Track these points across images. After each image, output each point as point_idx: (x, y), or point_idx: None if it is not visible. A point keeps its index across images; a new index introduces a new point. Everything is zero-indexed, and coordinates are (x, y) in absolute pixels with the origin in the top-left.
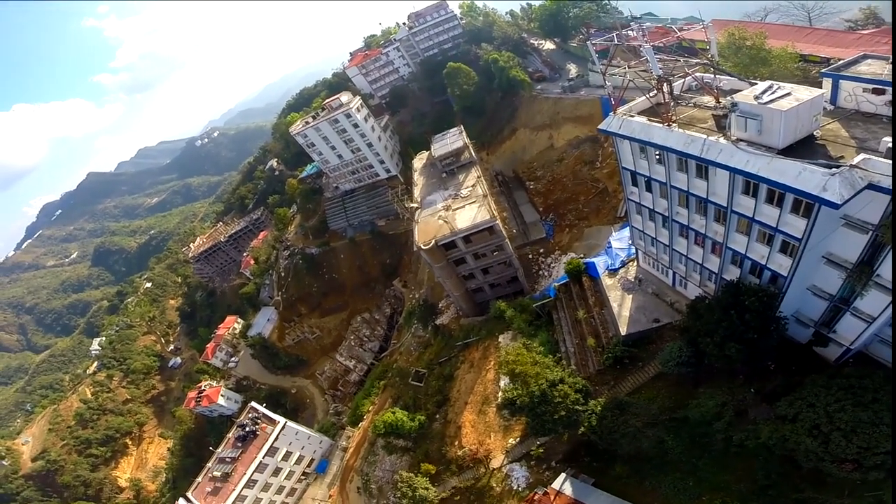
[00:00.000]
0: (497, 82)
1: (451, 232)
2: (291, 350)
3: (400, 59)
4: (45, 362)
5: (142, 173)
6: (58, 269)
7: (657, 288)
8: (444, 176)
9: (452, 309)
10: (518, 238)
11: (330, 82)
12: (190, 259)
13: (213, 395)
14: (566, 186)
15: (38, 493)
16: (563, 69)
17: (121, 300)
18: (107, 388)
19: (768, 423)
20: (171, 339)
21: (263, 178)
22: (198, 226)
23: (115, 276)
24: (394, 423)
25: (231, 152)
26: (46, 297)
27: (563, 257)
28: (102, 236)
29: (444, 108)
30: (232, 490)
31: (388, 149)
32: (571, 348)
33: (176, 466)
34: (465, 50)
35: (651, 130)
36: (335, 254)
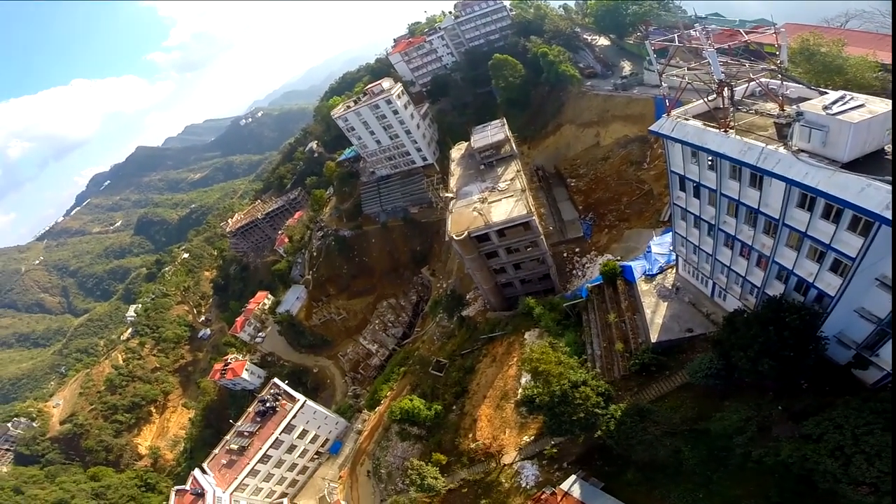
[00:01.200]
0: (545, 76)
1: (485, 224)
2: (317, 329)
3: (444, 48)
4: (83, 326)
5: (187, 149)
6: (102, 236)
7: (694, 297)
8: (483, 168)
9: (480, 301)
10: (554, 235)
11: (372, 67)
12: (227, 233)
13: (238, 369)
14: (609, 186)
15: (62, 456)
16: (617, 66)
17: (159, 269)
18: (138, 356)
19: (791, 442)
20: (202, 310)
21: (303, 159)
22: (237, 202)
23: (156, 246)
24: (410, 410)
25: (273, 132)
26: (90, 262)
27: (599, 258)
28: (146, 207)
29: (486, 99)
30: (246, 464)
31: (425, 137)
32: (598, 351)
33: (195, 437)
34: (513, 42)
35: (705, 135)
36: (367, 237)
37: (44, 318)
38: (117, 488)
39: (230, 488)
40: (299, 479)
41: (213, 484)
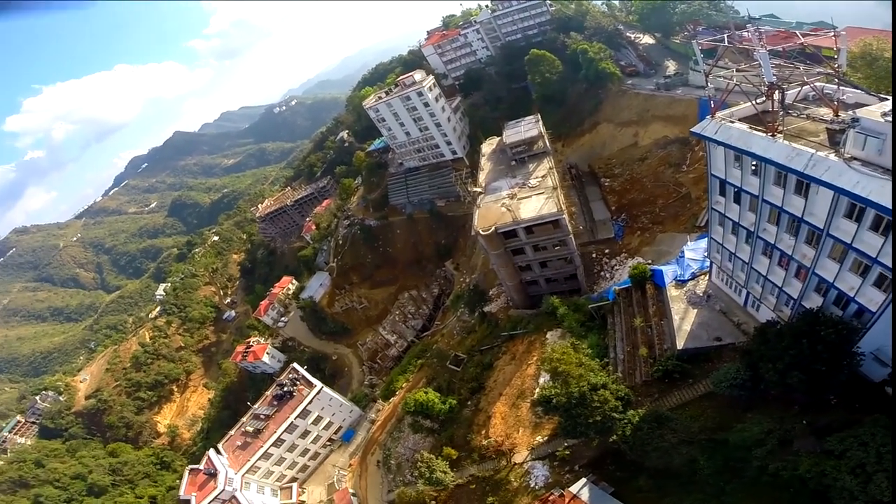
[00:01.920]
0: (583, 73)
1: (513, 221)
2: (338, 317)
3: (479, 42)
4: (114, 302)
5: (222, 135)
6: (137, 216)
7: (726, 306)
8: (514, 164)
9: (503, 298)
10: (583, 235)
11: (405, 59)
12: (256, 218)
13: (259, 352)
14: (644, 187)
15: (84, 431)
16: (660, 65)
17: (189, 250)
18: (164, 334)
19: (811, 456)
20: (229, 292)
21: (333, 148)
22: (267, 188)
23: (187, 228)
24: (425, 402)
25: (306, 121)
26: (124, 241)
27: (628, 261)
28: (180, 190)
29: (521, 94)
30: (260, 446)
31: (456, 130)
32: (621, 355)
33: (213, 417)
34: (552, 38)
35: (751, 139)
36: (392, 228)
37: (78, 292)
38: (134, 465)
39: (242, 470)
40: (310, 465)
41: (226, 465)
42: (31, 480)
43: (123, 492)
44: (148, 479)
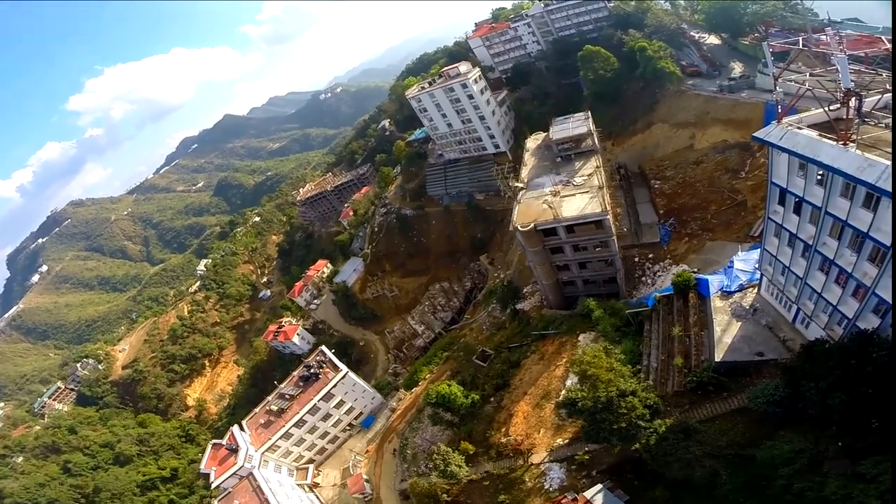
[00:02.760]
0: (640, 71)
1: (553, 218)
2: (369, 303)
3: (529, 36)
4: (157, 275)
5: (269, 119)
6: (184, 195)
7: (772, 321)
8: (559, 161)
9: (537, 297)
10: (627, 238)
11: (450, 50)
12: (297, 202)
13: (290, 333)
14: (697, 192)
15: (117, 400)
16: (725, 67)
17: (231, 229)
18: (202, 309)
19: (840, 478)
20: (266, 271)
21: (374, 136)
22: (309, 173)
23: (231, 207)
24: (447, 395)
25: (350, 108)
26: (171, 217)
27: (672, 267)
28: (227, 171)
29: (571, 91)
30: (282, 426)
31: (500, 124)
32: (655, 363)
33: (240, 394)
34: (608, 34)
35: (819, 147)
36: (428, 219)
37: (124, 263)
38: (160, 436)
39: (263, 448)
40: (328, 448)
41: (248, 441)
42: (63, 447)
43: (147, 462)
44: (172, 451)
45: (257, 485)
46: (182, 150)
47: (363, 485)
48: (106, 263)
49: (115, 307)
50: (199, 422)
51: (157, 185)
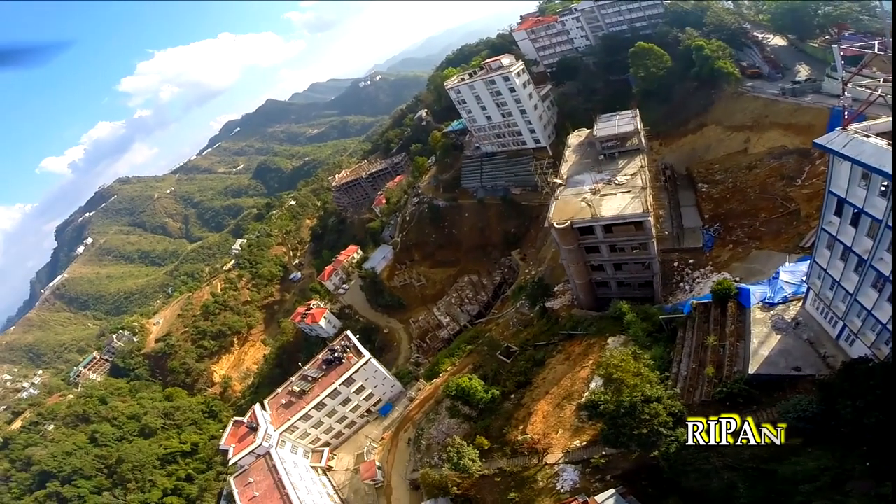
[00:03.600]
0: (695, 71)
1: (591, 217)
2: (396, 291)
3: (578, 30)
4: (195, 252)
5: (309, 105)
6: (225, 176)
7: (814, 336)
8: (602, 158)
9: (567, 296)
10: (668, 241)
11: (493, 43)
12: (332, 187)
13: (317, 315)
14: (747, 198)
15: (148, 373)
16: (790, 70)
17: (267, 211)
18: (234, 287)
19: (861, 499)
20: (298, 254)
21: (411, 125)
22: (345, 160)
23: (268, 190)
24: (467, 388)
25: (388, 97)
26: (210, 197)
27: (713, 275)
28: (266, 155)
29: (620, 87)
30: (302, 407)
31: (542, 119)
32: (684, 372)
33: (264, 373)
34: (663, 32)
35: (886, 156)
36: (460, 210)
37: (164, 239)
38: (185, 411)
39: (281, 428)
40: (344, 433)
41: (268, 421)
42: (93, 417)
43: (170, 436)
44: (195, 426)
45: (273, 464)
46: (225, 132)
47: (375, 471)
48: (147, 239)
49: (152, 281)
50: (223, 398)
51: (199, 165)
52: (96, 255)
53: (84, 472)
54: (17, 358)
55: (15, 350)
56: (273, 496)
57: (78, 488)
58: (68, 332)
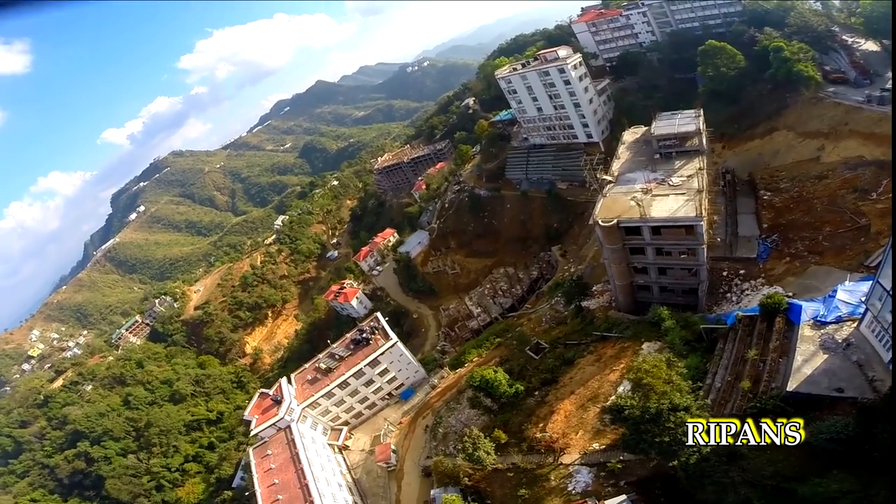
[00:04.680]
0: (771, 73)
1: (640, 217)
2: (428, 277)
3: (643, 25)
4: (238, 225)
5: (357, 88)
6: (272, 154)
7: (865, 358)
8: (657, 158)
9: (605, 297)
10: (719, 249)
11: (550, 34)
12: (374, 170)
13: (350, 295)
14: (812, 209)
15: (184, 339)
16: (880, 76)
17: (310, 189)
18: (273, 261)
19: None
20: (336, 233)
21: (457, 113)
22: (388, 143)
23: (313, 169)
24: (491, 381)
25: (435, 83)
26: (257, 173)
27: (764, 288)
28: (313, 135)
29: (684, 86)
30: (326, 384)
31: (596, 113)
32: (719, 384)
33: (294, 348)
34: (738, 31)
35: None
36: (502, 201)
37: (211, 211)
38: (215, 379)
39: (304, 403)
40: (364, 413)
41: (293, 395)
42: (129, 379)
43: (198, 403)
44: (222, 395)
45: (292, 438)
46: (275, 111)
47: (390, 454)
48: (195, 210)
49: (197, 250)
50: (253, 370)
51: (248, 142)
52: (146, 223)
53: (114, 433)
54: (66, 317)
55: (64, 309)
56: (288, 470)
57: (105, 449)
58: (115, 294)
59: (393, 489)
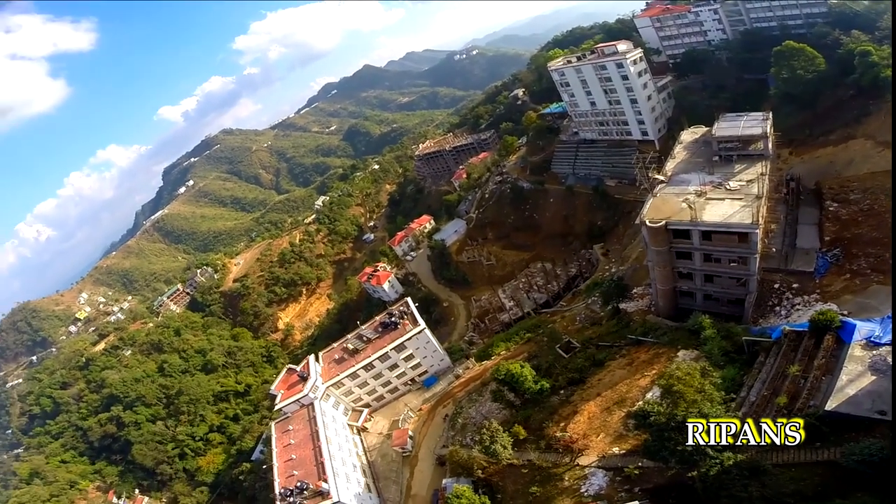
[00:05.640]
0: (855, 78)
1: (690, 220)
2: (462, 266)
3: (714, 22)
4: (281, 203)
5: (402, 74)
6: (317, 135)
7: None
8: (716, 160)
9: (645, 300)
10: (773, 260)
11: (610, 27)
12: (415, 156)
13: (382, 278)
14: (883, 224)
15: (221, 310)
16: None
17: (352, 172)
18: (311, 239)
19: None
20: (373, 216)
21: (504, 103)
22: (431, 130)
23: (355, 152)
24: (517, 375)
25: (483, 72)
26: (302, 154)
27: (818, 304)
28: (357, 119)
29: (753, 87)
30: (352, 365)
31: (654, 111)
32: (754, 398)
33: (324, 327)
34: (821, 32)
35: None
36: (546, 195)
37: (255, 188)
38: (246, 352)
39: (329, 382)
40: (386, 397)
41: (319, 373)
42: (166, 347)
43: (228, 374)
44: (252, 368)
45: (313, 415)
46: (322, 94)
47: (406, 440)
48: (240, 186)
49: (239, 224)
50: (283, 345)
51: (295, 123)
52: (194, 196)
53: (146, 399)
54: (113, 282)
55: (112, 274)
56: (307, 446)
57: (136, 414)
58: (160, 262)
59: (405, 475)
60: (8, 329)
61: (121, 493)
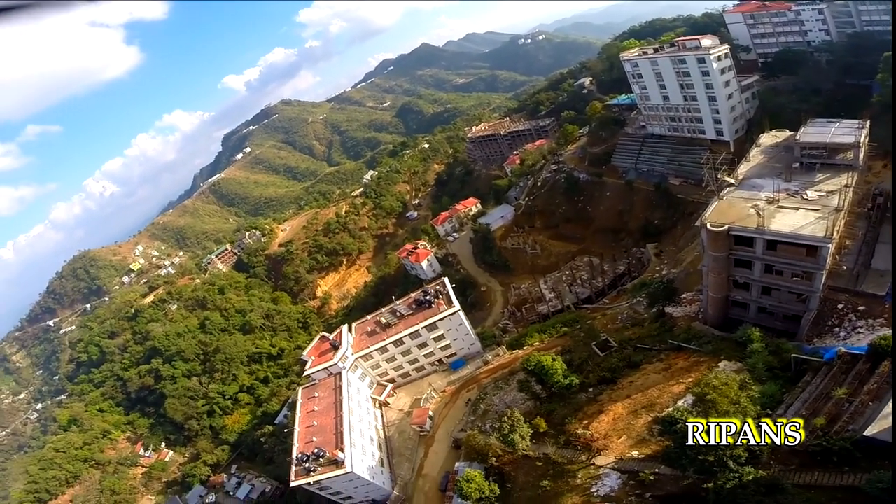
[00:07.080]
0: None
1: (756, 227)
2: (505, 252)
3: (817, 23)
4: (331, 174)
5: (461, 55)
6: (371, 111)
7: None
8: (796, 167)
9: (694, 307)
10: (842, 279)
11: (695, 20)
12: (467, 138)
13: (422, 256)
14: None
15: (264, 272)
16: None
17: (401, 149)
18: (356, 212)
19: None
20: (419, 194)
21: (568, 91)
22: (486, 114)
23: (406, 130)
24: (547, 367)
25: (548, 58)
26: (355, 128)
27: (882, 329)
28: (412, 97)
29: (853, 93)
30: (383, 339)
31: (733, 111)
32: (790, 416)
33: (360, 298)
34: None
35: None
36: (602, 188)
37: (308, 159)
38: (283, 316)
39: (359, 353)
40: (411, 375)
41: (350, 343)
42: (209, 304)
43: (264, 336)
44: (287, 332)
45: (339, 384)
46: (379, 70)
47: (426, 419)
48: (294, 156)
49: (290, 192)
50: (319, 313)
51: (351, 97)
52: (250, 163)
53: (185, 354)
54: (167, 237)
55: (167, 230)
56: (329, 414)
57: (174, 369)
58: (212, 222)
59: (420, 453)
60: (68, 276)
61: (148, 445)
